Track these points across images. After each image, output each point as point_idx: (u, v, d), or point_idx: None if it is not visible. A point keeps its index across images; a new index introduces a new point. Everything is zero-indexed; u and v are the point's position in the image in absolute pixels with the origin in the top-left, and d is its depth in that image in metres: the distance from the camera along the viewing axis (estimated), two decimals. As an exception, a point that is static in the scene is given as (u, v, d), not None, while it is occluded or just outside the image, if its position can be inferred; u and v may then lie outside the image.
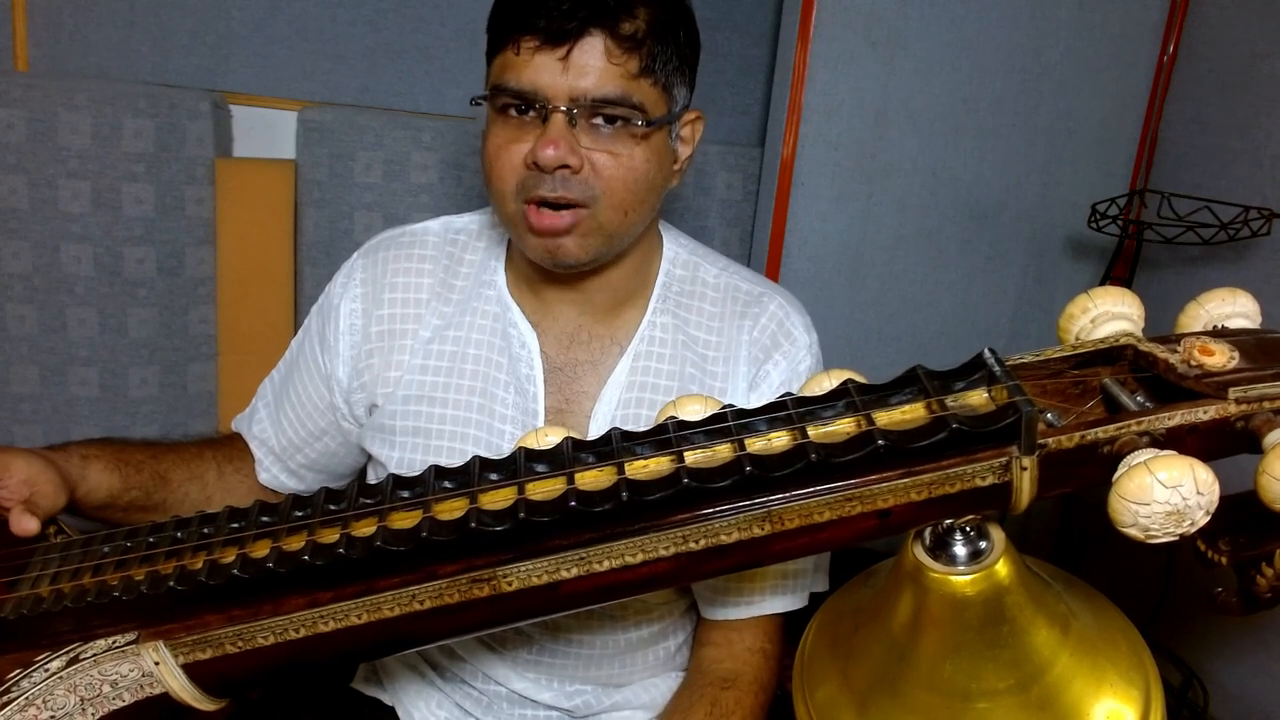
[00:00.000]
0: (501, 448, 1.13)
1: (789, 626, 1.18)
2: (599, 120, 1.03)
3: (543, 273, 1.14)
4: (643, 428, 0.86)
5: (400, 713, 1.25)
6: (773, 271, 2.13)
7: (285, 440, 1.27)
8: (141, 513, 1.14)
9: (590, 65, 1.00)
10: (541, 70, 1.00)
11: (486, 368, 1.16)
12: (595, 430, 1.14)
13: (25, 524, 0.95)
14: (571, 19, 0.98)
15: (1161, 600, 1.97)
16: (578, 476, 0.72)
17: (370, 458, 1.25)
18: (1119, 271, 2.14)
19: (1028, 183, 2.27)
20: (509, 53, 1.02)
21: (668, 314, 1.18)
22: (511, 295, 1.19)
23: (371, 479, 1.26)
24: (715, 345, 1.18)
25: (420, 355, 1.17)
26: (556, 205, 1.03)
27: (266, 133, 2.13)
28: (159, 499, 1.17)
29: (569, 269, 1.09)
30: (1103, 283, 2.18)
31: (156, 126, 1.94)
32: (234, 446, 1.30)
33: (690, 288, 1.20)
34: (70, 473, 1.06)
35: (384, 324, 1.19)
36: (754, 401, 1.14)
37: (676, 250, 1.23)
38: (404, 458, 1.16)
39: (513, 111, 1.04)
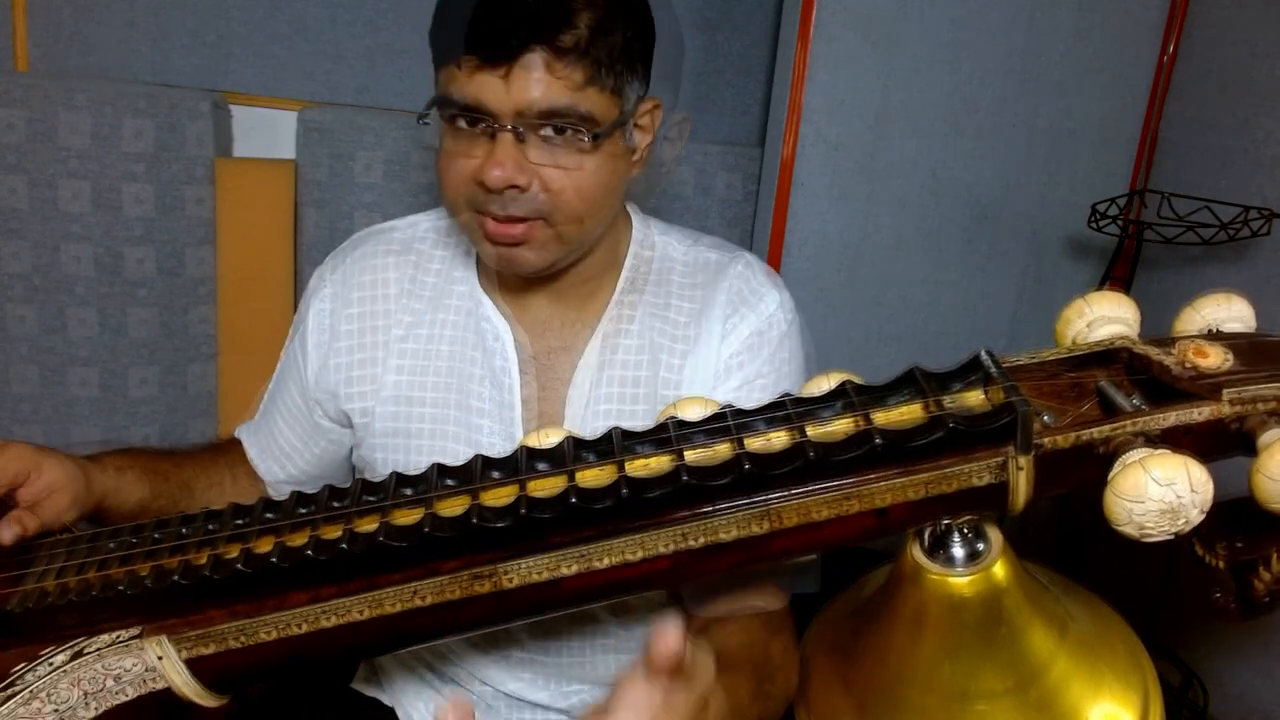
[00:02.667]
0: (480, 442, 1.14)
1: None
2: (548, 131, 1.01)
3: None
4: (616, 407, 0.86)
5: (400, 713, 1.26)
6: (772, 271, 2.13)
7: (277, 448, 1.28)
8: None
9: (533, 80, 0.98)
10: (484, 87, 0.98)
11: (461, 363, 1.16)
12: (571, 415, 1.14)
13: (4, 534, 0.95)
14: (510, 37, 0.96)
15: (1161, 600, 1.98)
16: (579, 474, 0.73)
17: (355, 467, 1.27)
18: (1119, 271, 2.15)
19: (1028, 183, 2.27)
20: (452, 67, 1.00)
21: (635, 292, 1.18)
22: (483, 288, 1.19)
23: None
24: (687, 312, 1.17)
25: (395, 355, 1.17)
26: (507, 220, 1.03)
27: (266, 133, 2.13)
28: (184, 506, 1.18)
29: (529, 275, 1.10)
30: (1103, 283, 2.18)
31: (156, 126, 1.94)
32: (240, 451, 1.31)
33: (660, 265, 1.20)
34: (105, 484, 1.08)
35: (353, 323, 1.19)
36: (724, 353, 1.15)
37: (645, 232, 1.23)
38: (388, 459, 1.17)
39: (461, 122, 1.02)
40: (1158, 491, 0.60)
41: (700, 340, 1.16)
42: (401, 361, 1.17)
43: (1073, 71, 2.21)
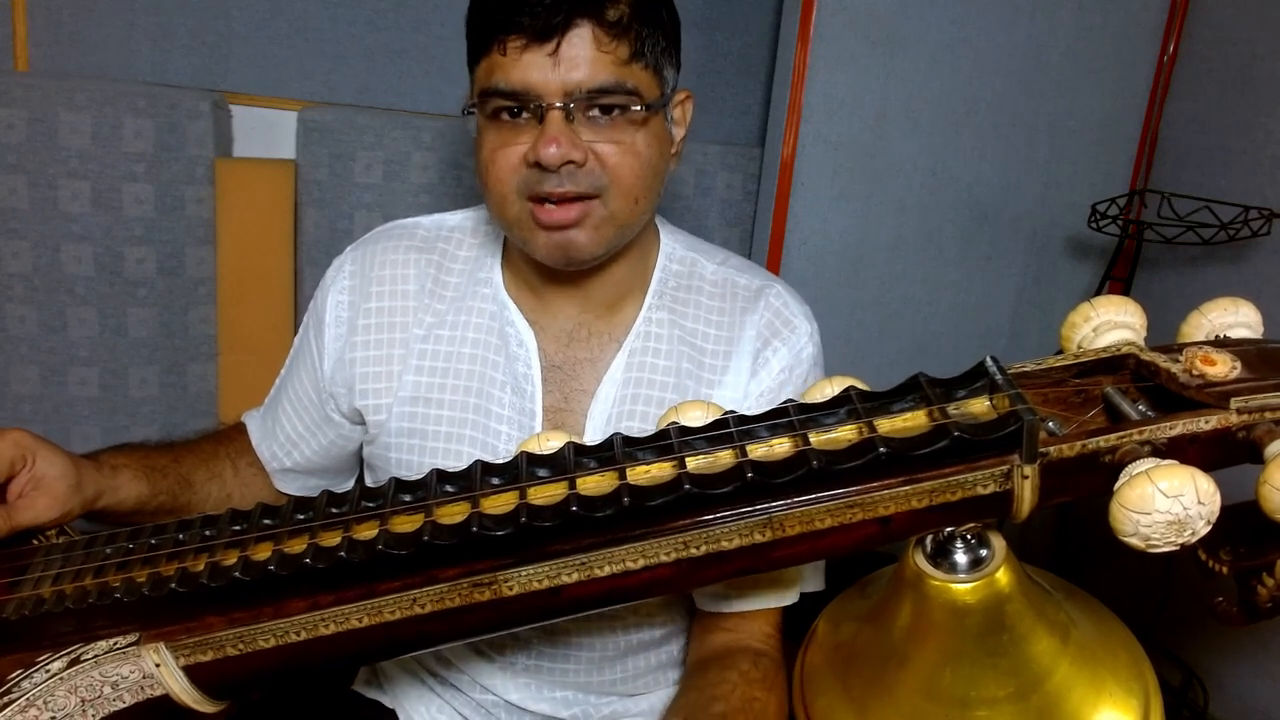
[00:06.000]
0: (497, 449, 1.13)
1: (789, 630, 1.18)
2: (595, 111, 1.01)
3: (543, 271, 1.12)
4: (639, 425, 0.86)
5: (401, 716, 1.25)
6: (772, 271, 2.12)
7: (283, 435, 1.27)
8: (168, 516, 1.13)
9: (581, 56, 0.98)
10: (531, 68, 0.98)
11: (482, 367, 1.15)
12: (591, 428, 1.13)
13: None
14: (556, 12, 0.96)
15: (1162, 601, 1.98)
16: (579, 481, 0.72)
17: (365, 461, 1.26)
18: (1119, 272, 2.15)
19: (1028, 183, 2.27)
20: (494, 54, 0.99)
21: (664, 309, 1.17)
22: (508, 293, 1.17)
23: (369, 483, 1.26)
24: (714, 339, 1.17)
25: (415, 355, 1.16)
26: (562, 200, 1.02)
27: (266, 133, 2.13)
28: (184, 501, 1.18)
29: (581, 265, 1.07)
30: (1103, 283, 2.18)
31: (156, 126, 1.94)
32: (245, 440, 1.30)
33: (688, 282, 1.19)
34: (100, 483, 1.07)
35: (371, 317, 1.18)
36: (754, 390, 1.14)
37: (673, 245, 1.21)
38: (402, 459, 1.16)
39: (505, 115, 1.02)
40: (1164, 503, 0.59)
41: (729, 372, 1.16)
42: (422, 363, 1.16)
43: (1073, 71, 2.21)
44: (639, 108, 1.02)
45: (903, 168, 2.18)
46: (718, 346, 1.16)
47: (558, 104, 0.99)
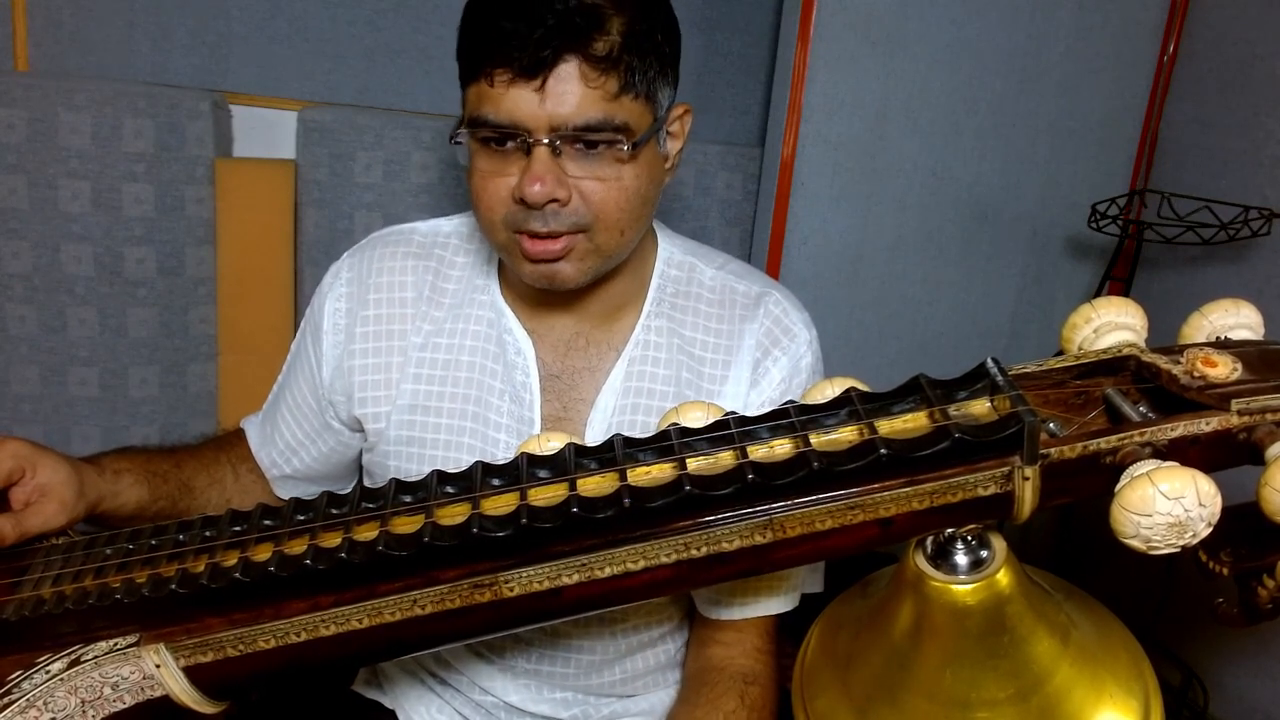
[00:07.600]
0: (495, 456, 1.12)
1: (789, 629, 1.18)
2: (582, 145, 0.99)
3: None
4: (640, 434, 0.86)
5: (400, 716, 1.25)
6: (773, 271, 2.13)
7: (282, 442, 1.27)
8: (167, 520, 1.13)
9: (568, 92, 0.96)
10: (518, 102, 0.96)
11: (481, 375, 1.15)
12: (592, 438, 1.12)
13: None
14: (544, 47, 0.93)
15: (1162, 601, 1.98)
16: (580, 482, 0.72)
17: (364, 468, 1.26)
18: (1119, 272, 2.15)
19: (1028, 183, 2.27)
20: (483, 84, 0.98)
21: (663, 317, 1.16)
22: (506, 301, 1.17)
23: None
24: (713, 347, 1.16)
25: (413, 364, 1.16)
26: (548, 236, 1.01)
27: (266, 133, 2.13)
28: (184, 506, 1.18)
29: (566, 290, 1.07)
30: (1103, 283, 2.18)
31: (156, 126, 1.94)
32: (246, 445, 1.30)
33: (686, 289, 1.18)
34: (101, 489, 1.07)
35: (369, 325, 1.17)
36: (755, 400, 1.14)
37: (671, 250, 1.21)
38: (401, 467, 1.16)
39: (493, 143, 1.01)
40: (1165, 505, 0.59)
41: (729, 382, 1.16)
42: (420, 371, 1.15)
43: (1073, 71, 2.21)
44: (625, 146, 1.00)
45: (903, 168, 2.18)
46: (717, 355, 1.16)
47: (544, 139, 0.97)
